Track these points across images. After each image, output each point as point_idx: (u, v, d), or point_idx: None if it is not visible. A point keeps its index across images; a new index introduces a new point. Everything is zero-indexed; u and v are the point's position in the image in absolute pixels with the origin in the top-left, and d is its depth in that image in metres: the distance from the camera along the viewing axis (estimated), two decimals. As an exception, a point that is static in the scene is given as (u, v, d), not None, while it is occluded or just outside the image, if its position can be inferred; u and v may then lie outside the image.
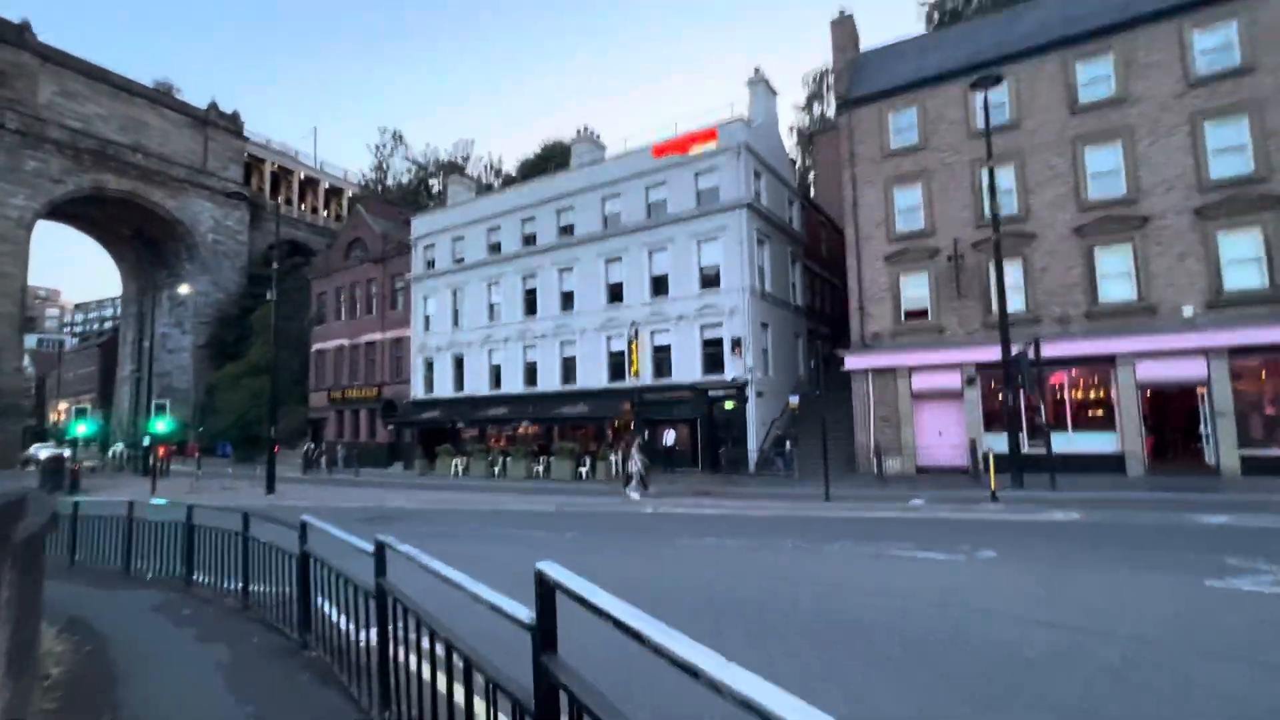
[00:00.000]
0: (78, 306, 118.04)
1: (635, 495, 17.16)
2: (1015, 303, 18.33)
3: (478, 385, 30.54)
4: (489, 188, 48.13)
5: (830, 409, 25.69)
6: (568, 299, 28.18)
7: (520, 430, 29.50)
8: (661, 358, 25.45)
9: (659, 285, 25.79)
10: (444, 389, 31.89)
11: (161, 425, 24.08)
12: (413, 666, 3.08)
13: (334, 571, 4.17)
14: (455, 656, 2.35)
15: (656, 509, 14.28)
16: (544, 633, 1.71)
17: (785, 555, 8.42)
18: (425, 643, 2.78)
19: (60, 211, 49.10)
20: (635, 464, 17.80)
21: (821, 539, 9.31)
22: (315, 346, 39.35)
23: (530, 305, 29.28)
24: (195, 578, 7.55)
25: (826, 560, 7.97)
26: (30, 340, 72.43)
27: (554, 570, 1.70)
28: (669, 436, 25.39)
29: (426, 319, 33.14)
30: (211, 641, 5.31)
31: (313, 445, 35.34)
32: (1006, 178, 18.97)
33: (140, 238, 55.66)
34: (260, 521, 6.03)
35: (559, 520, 12.85)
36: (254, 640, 5.28)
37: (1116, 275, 17.94)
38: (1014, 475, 15.00)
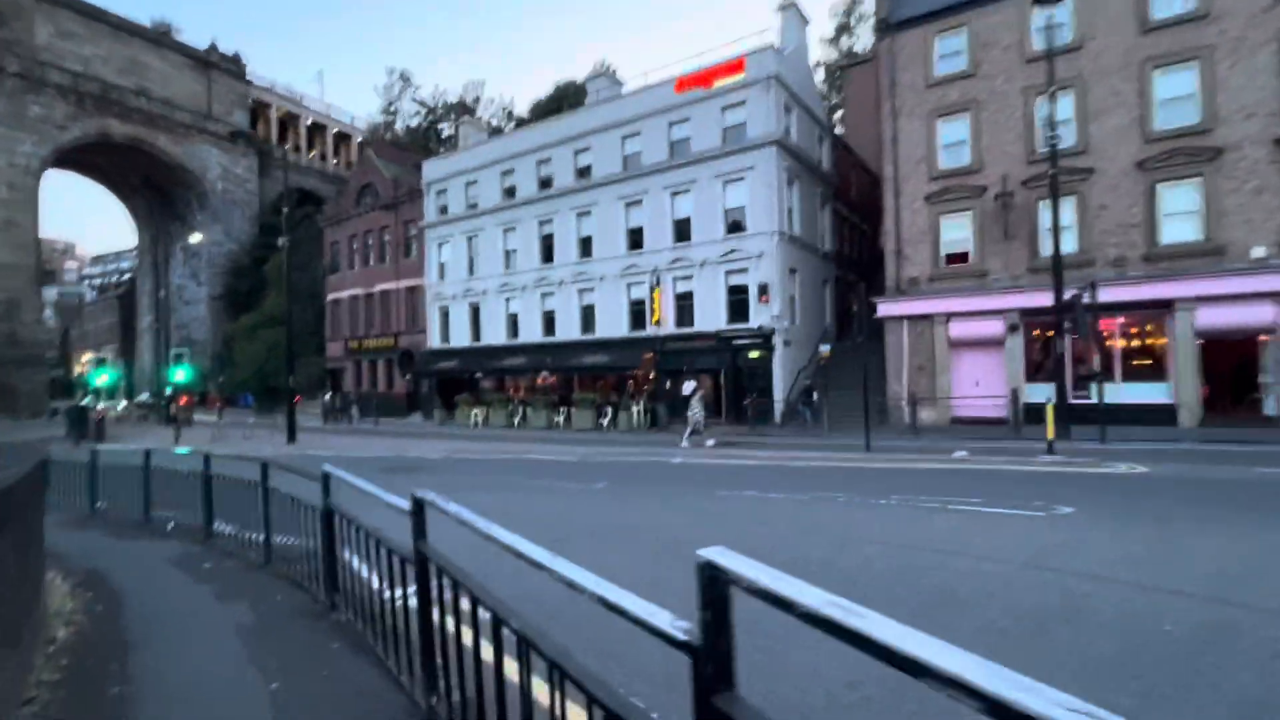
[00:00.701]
0: (95, 259, 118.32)
1: (686, 444, 16.71)
2: (1067, 244, 17.12)
3: (495, 334, 29.99)
4: (499, 131, 46.36)
5: (858, 358, 24.93)
6: (586, 245, 27.19)
7: (539, 380, 29.09)
8: (684, 305, 24.60)
9: (681, 229, 24.68)
10: (461, 338, 31.40)
11: (180, 375, 23.92)
12: (463, 640, 2.53)
13: (363, 530, 3.61)
14: (534, 656, 1.75)
15: (686, 459, 13.79)
16: (715, 659, 1.06)
17: (838, 510, 7.85)
18: (468, 607, 2.20)
19: (68, 160, 48.30)
20: (696, 412, 17.33)
21: (873, 492, 8.72)
22: (330, 296, 38.90)
23: (548, 252, 28.34)
24: (216, 528, 7.18)
25: (886, 516, 7.38)
26: (50, 293, 72.90)
27: (731, 559, 1.03)
28: (690, 387, 24.79)
29: (441, 267, 32.37)
30: (232, 600, 4.86)
31: (332, 395, 35.34)
32: (1065, 106, 17.44)
33: (150, 186, 54.88)
34: (281, 472, 5.52)
35: (586, 471, 12.41)
36: (277, 599, 4.83)
37: (1181, 213, 16.61)
38: (1060, 426, 14.25)
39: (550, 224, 28.10)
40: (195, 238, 41.52)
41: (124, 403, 44.82)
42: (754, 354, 23.12)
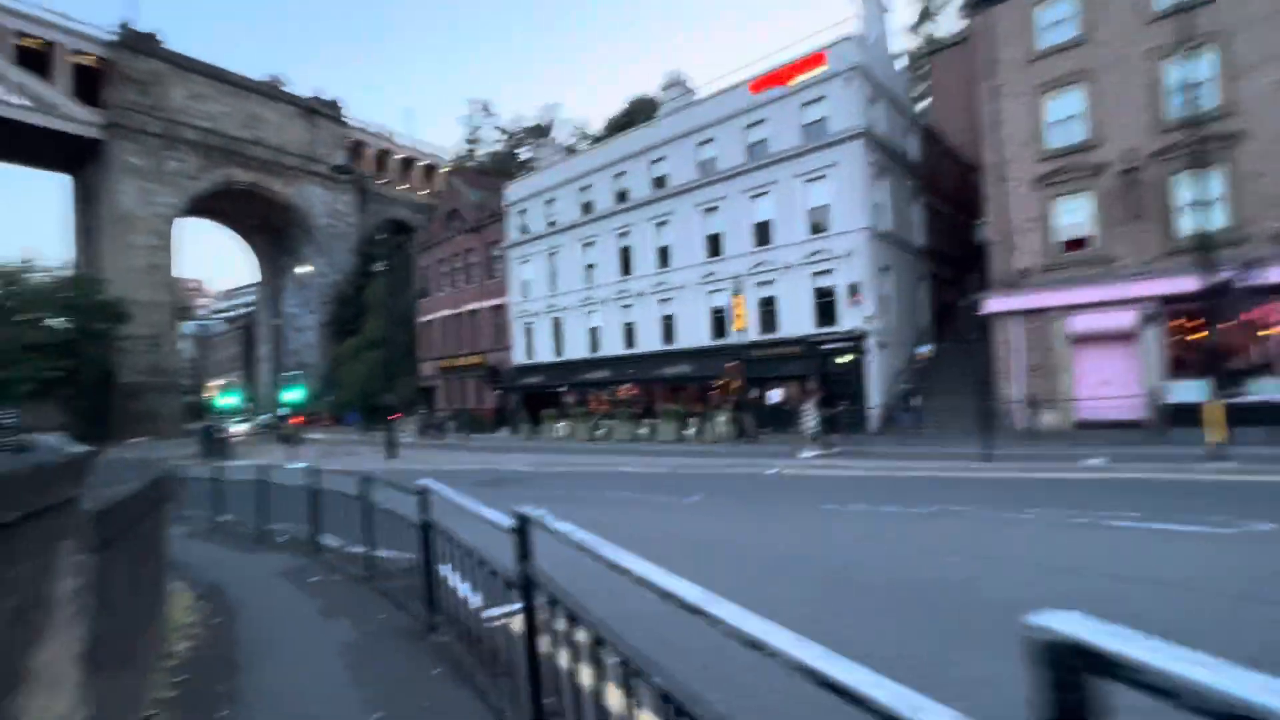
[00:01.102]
0: (223, 294, 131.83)
1: (809, 454, 15.75)
2: (1215, 219, 14.98)
3: (577, 348, 30.31)
4: (574, 151, 47.38)
5: (961, 359, 23.09)
6: (664, 254, 26.98)
7: (620, 392, 29.07)
8: (768, 311, 23.77)
9: (762, 233, 23.93)
10: (544, 353, 31.99)
11: (293, 395, 25.68)
12: (580, 679, 2.18)
13: (462, 548, 3.37)
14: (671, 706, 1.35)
15: (782, 470, 13.07)
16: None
17: (968, 526, 6.98)
18: (585, 639, 1.83)
19: (198, 207, 53.93)
20: (812, 420, 16.35)
21: (1004, 505, 7.74)
22: (422, 318, 40.91)
23: (626, 264, 28.37)
24: (323, 541, 7.36)
25: (1029, 533, 6.46)
26: (186, 327, 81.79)
27: (1102, 634, 0.59)
28: (776, 395, 23.89)
29: (524, 285, 33.22)
30: (336, 617, 4.81)
31: (426, 412, 37.02)
32: (1204, 66, 15.38)
33: (266, 226, 60.36)
34: (381, 486, 5.51)
35: (677, 483, 11.98)
36: (380, 618, 4.72)
37: (1362, 176, 14.14)
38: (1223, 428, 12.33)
39: (628, 236, 28.14)
40: (303, 270, 44.91)
41: (247, 423, 49.16)
42: (844, 359, 21.92)
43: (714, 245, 25.27)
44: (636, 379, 27.01)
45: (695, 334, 25.60)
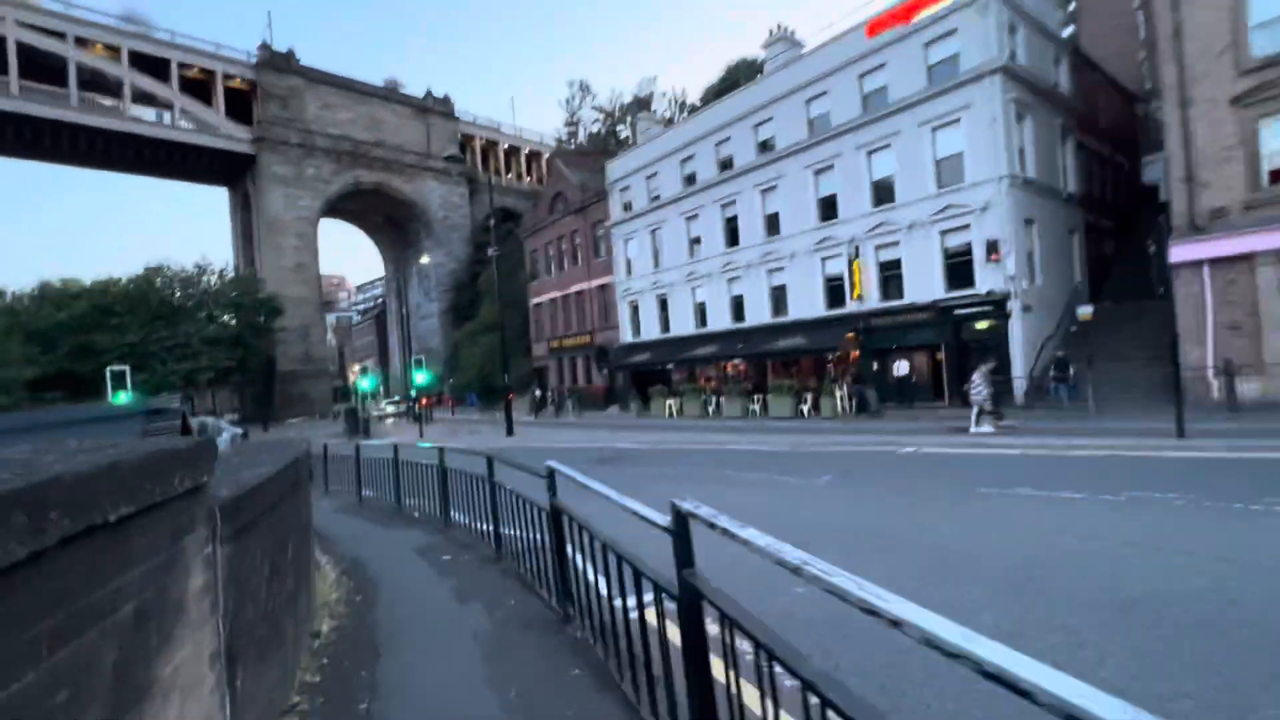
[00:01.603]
0: (358, 288, 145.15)
1: (985, 429, 14.07)
2: None
3: (683, 324, 29.84)
4: (670, 122, 46.36)
5: (1122, 321, 20.02)
6: (773, 222, 25.65)
7: (729, 368, 28.30)
8: (890, 276, 21.89)
9: (882, 191, 21.96)
10: (650, 331, 31.84)
11: (421, 378, 27.45)
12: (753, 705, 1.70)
13: (602, 543, 3.01)
14: None
15: (918, 449, 11.86)
16: None
17: (1185, 517, 5.72)
18: (767, 664, 1.33)
19: (332, 208, 59.07)
20: (980, 392, 14.45)
21: (1227, 494, 6.31)
22: (532, 301, 42.26)
23: (732, 235, 27.34)
24: (453, 518, 7.49)
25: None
26: (330, 319, 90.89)
27: None
28: (901, 367, 22.05)
29: (628, 263, 33.14)
30: (470, 601, 4.71)
31: (539, 392, 38.37)
32: None
33: (390, 222, 65.04)
34: (503, 466, 5.38)
35: (801, 462, 11.21)
36: (511, 603, 4.55)
37: None
38: None
39: (733, 205, 27.05)
40: (424, 259, 47.93)
41: (383, 405, 53.78)
42: (982, 324, 19.72)
43: (827, 208, 23.61)
44: (746, 354, 26.09)
45: (808, 304, 24.21)
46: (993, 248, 19.02)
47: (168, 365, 38.42)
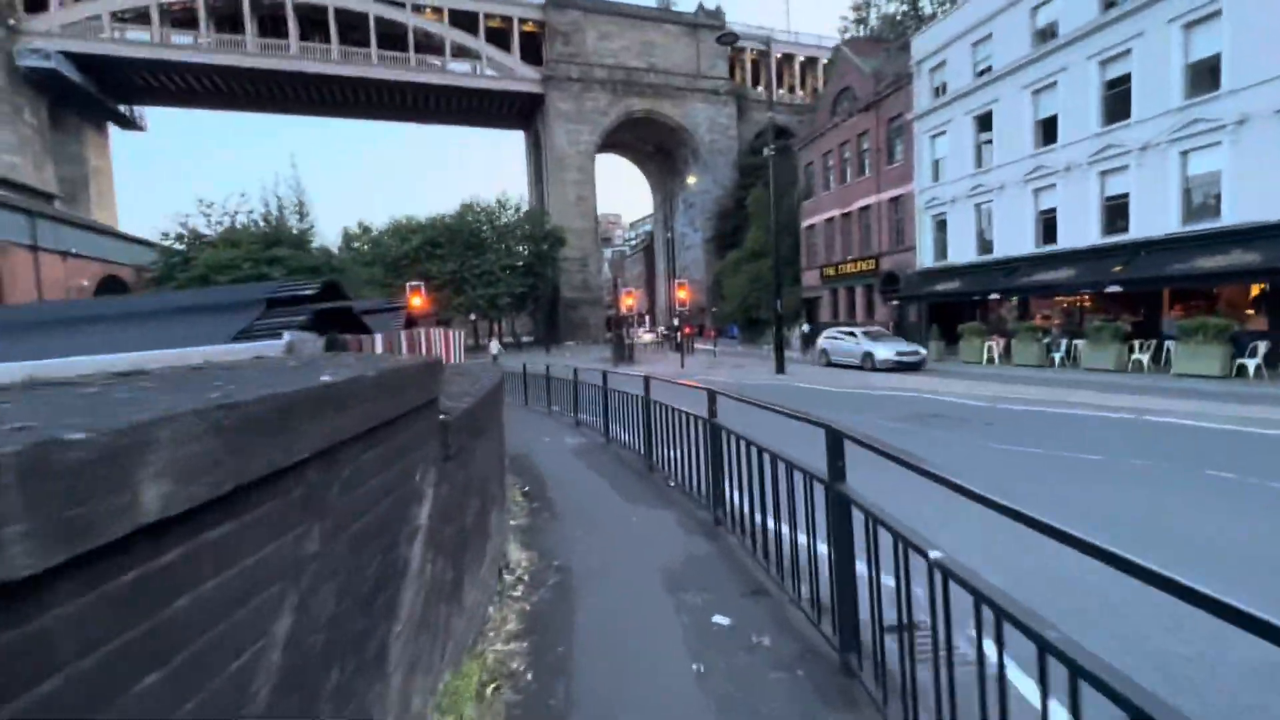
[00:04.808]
0: (631, 225, 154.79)
1: None
2: None
3: (1016, 242, 22.27)
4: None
5: None
6: (1199, 73, 16.56)
7: (1088, 300, 20.32)
8: None
9: None
10: (962, 252, 24.80)
11: (682, 300, 25.63)
12: None
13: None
14: None
15: None
16: None
17: None
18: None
19: (607, 141, 60.87)
20: None
21: None
22: (805, 222, 37.40)
23: (1117, 104, 18.72)
24: (727, 497, 4.50)
25: None
26: (606, 253, 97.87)
27: None
28: None
29: (935, 164, 26.07)
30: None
31: (807, 326, 34.05)
32: None
33: (659, 151, 64.95)
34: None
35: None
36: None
37: None
38: None
39: (1125, 58, 18.29)
40: (690, 180, 46.19)
41: (649, 333, 55.26)
42: None
43: (1335, 30, 13.99)
44: (1129, 279, 17.98)
45: (1262, 203, 15.18)
46: None
47: (477, 290, 44.01)
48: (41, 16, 42.11)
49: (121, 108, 50.19)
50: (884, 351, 19.38)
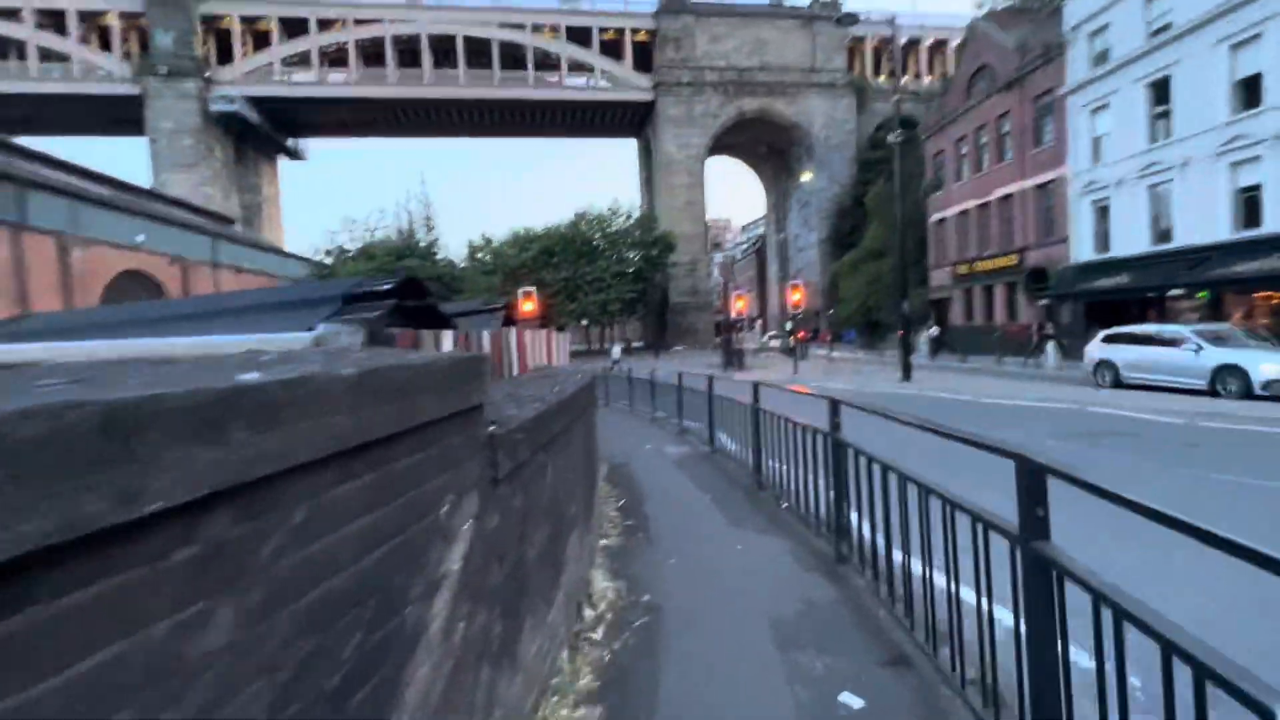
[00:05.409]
0: (742, 228, 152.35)
1: None
2: None
3: (1204, 227, 18.77)
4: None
5: None
6: None
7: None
8: None
9: None
10: (1130, 242, 21.36)
11: (797, 302, 24.38)
12: None
13: None
14: None
15: None
16: None
17: None
18: None
19: (718, 144, 60.04)
20: None
21: None
22: (933, 217, 34.34)
23: (1348, 53, 15.15)
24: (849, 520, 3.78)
25: None
26: (716, 257, 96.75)
27: None
28: None
29: (1095, 143, 22.74)
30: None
31: (936, 329, 31.13)
32: None
33: (771, 151, 63.04)
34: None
35: None
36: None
37: None
38: None
39: (1361, -5, 14.77)
40: (804, 177, 44.30)
41: (761, 338, 53.63)
42: None
43: None
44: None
45: None
46: None
47: (589, 297, 44.99)
48: (227, 67, 49.00)
49: (289, 141, 57.24)
50: (1273, 367, 11.32)
